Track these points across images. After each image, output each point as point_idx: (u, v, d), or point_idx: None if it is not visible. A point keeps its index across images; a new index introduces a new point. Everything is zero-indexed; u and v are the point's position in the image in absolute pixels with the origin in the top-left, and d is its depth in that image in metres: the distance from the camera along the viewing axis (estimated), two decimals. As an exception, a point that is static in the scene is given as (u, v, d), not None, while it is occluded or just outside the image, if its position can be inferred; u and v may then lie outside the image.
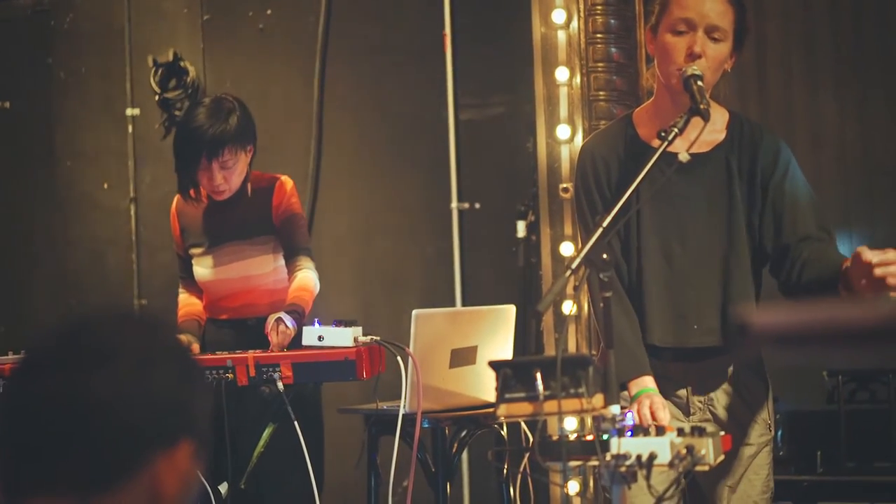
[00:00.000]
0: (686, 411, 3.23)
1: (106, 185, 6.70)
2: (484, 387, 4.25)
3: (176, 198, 4.57)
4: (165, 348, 1.61)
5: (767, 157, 3.23)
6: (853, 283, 2.89)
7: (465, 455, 5.67)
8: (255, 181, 4.48)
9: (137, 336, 1.59)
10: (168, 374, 1.57)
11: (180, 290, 4.60)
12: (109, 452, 1.52)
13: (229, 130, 4.29)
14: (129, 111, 6.63)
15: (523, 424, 4.31)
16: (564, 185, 5.57)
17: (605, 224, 2.87)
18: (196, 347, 4.29)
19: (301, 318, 4.15)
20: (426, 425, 4.27)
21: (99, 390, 1.52)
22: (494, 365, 3.02)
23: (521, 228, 5.83)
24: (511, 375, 2.93)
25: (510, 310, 4.54)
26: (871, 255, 2.80)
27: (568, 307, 5.07)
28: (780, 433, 5.68)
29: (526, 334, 5.58)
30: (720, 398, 3.24)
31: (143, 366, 1.55)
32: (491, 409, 3.23)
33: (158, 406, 1.55)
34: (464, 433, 4.44)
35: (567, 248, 5.59)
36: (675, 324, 3.23)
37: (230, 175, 4.35)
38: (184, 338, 4.27)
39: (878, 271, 2.79)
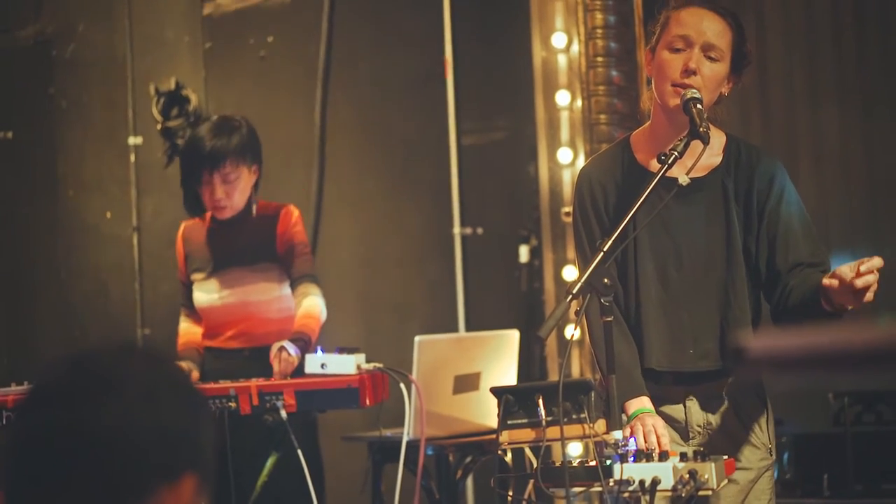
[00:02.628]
0: (685, 436, 3.22)
1: (109, 215, 6.71)
2: (488, 413, 4.24)
3: (183, 225, 4.59)
4: (171, 380, 1.61)
5: (763, 182, 3.22)
6: (833, 299, 2.91)
7: (469, 482, 5.65)
8: (262, 209, 4.50)
9: (143, 368, 1.59)
10: (174, 406, 1.57)
11: (182, 318, 4.60)
12: (115, 484, 1.51)
13: (231, 144, 4.34)
14: (131, 140, 6.64)
15: (528, 450, 4.30)
16: (566, 209, 5.57)
17: (605, 248, 2.87)
18: (196, 375, 4.28)
19: (307, 346, 4.15)
20: (430, 452, 4.26)
21: (105, 422, 1.52)
22: (496, 391, 3.01)
23: (523, 253, 5.82)
24: (513, 401, 2.92)
25: (513, 335, 4.54)
26: (849, 273, 2.83)
27: (573, 333, 5.06)
28: (786, 456, 5.66)
29: (529, 359, 5.56)
30: (719, 422, 3.22)
31: (150, 398, 1.55)
32: (494, 436, 3.21)
33: (164, 438, 1.55)
34: (468, 459, 4.43)
35: (570, 273, 5.59)
36: (671, 347, 3.22)
37: (232, 190, 4.37)
38: (184, 365, 4.27)
39: (858, 283, 2.82)
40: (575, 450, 5.21)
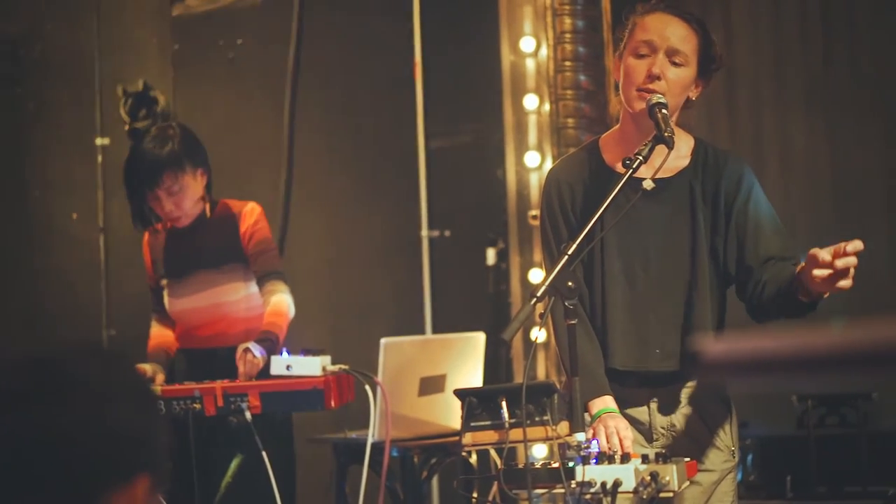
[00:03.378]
0: (649, 437, 3.24)
1: (75, 216, 6.68)
2: (453, 415, 4.24)
3: (146, 230, 4.57)
4: (124, 382, 1.60)
5: (730, 182, 3.25)
6: (810, 285, 2.91)
7: (435, 483, 5.66)
8: (222, 209, 4.48)
9: (96, 370, 1.58)
10: (126, 408, 1.57)
11: (153, 322, 4.58)
12: (67, 486, 1.51)
13: (164, 156, 4.31)
14: (98, 141, 6.61)
15: (493, 452, 4.31)
16: (533, 213, 5.59)
17: (570, 252, 2.88)
18: (161, 378, 4.27)
19: (275, 346, 4.14)
20: (395, 454, 4.26)
21: (58, 423, 1.51)
22: (460, 393, 3.03)
23: (490, 256, 5.84)
24: (476, 404, 2.94)
25: (479, 337, 4.55)
26: (826, 255, 2.82)
27: (538, 335, 5.07)
28: (750, 458, 5.69)
29: (496, 362, 5.57)
30: (683, 424, 3.24)
31: (102, 400, 1.55)
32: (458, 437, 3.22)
33: (116, 440, 1.54)
34: (433, 461, 4.44)
35: (536, 276, 5.61)
36: (636, 347, 3.24)
37: (180, 200, 4.35)
38: (148, 368, 4.26)
39: (839, 263, 2.80)
40: (540, 451, 5.23)
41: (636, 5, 3.32)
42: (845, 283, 2.84)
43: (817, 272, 2.83)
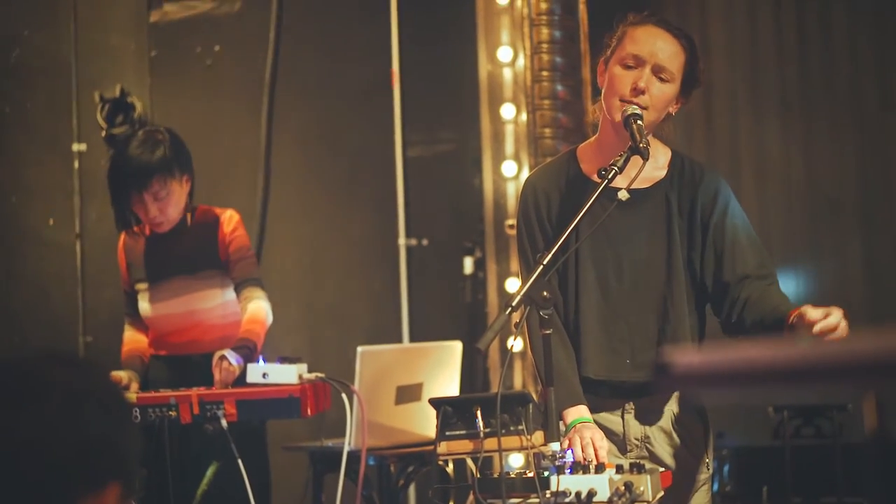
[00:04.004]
0: (623, 449, 3.24)
1: (51, 221, 6.65)
2: (429, 423, 4.23)
3: (123, 235, 4.56)
4: (95, 389, 1.60)
5: (707, 196, 3.26)
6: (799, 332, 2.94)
7: (412, 492, 5.66)
8: (201, 216, 4.48)
9: (68, 377, 1.58)
10: (97, 415, 1.56)
11: (126, 326, 4.57)
12: (39, 493, 1.50)
13: (155, 161, 4.30)
14: (75, 146, 6.59)
15: (469, 461, 4.31)
16: (510, 222, 5.60)
17: (545, 262, 2.89)
18: (136, 385, 4.25)
19: (252, 354, 4.13)
20: (371, 462, 4.26)
21: (27, 431, 1.51)
22: (435, 402, 3.03)
23: (468, 265, 5.85)
24: (451, 413, 2.94)
25: (456, 346, 4.55)
26: (814, 315, 2.85)
27: (513, 344, 5.08)
28: (726, 469, 5.71)
29: (472, 371, 5.58)
30: (657, 436, 3.25)
31: (73, 407, 1.54)
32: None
33: (87, 447, 1.54)
34: (409, 470, 4.44)
35: (513, 285, 5.62)
36: (609, 357, 3.24)
37: (165, 206, 4.35)
38: (123, 374, 4.25)
39: (816, 329, 2.84)
40: (517, 461, 5.23)
41: (627, 14, 3.32)
42: (837, 334, 2.86)
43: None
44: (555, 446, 2.86)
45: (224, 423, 3.88)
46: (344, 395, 3.99)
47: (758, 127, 6.28)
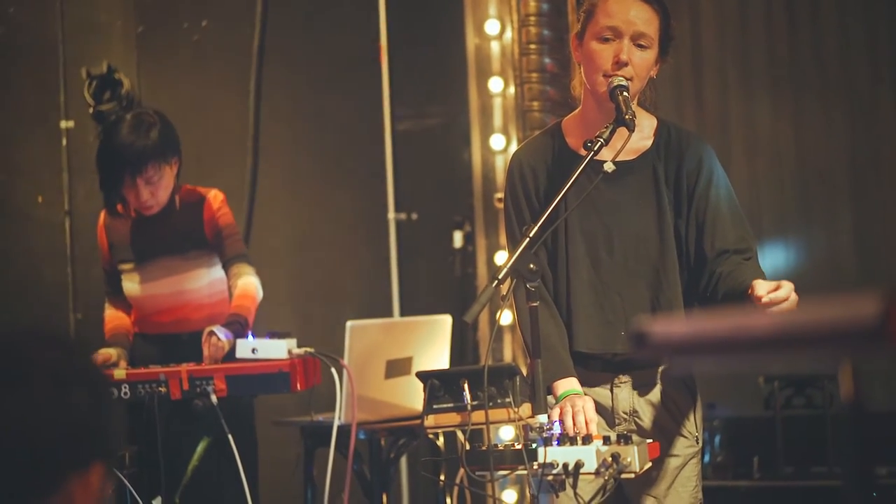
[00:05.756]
0: (611, 422, 3.24)
1: (40, 199, 6.64)
2: (419, 397, 4.24)
3: (102, 212, 4.55)
4: (80, 370, 1.60)
5: (691, 164, 3.25)
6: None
7: (404, 465, 5.67)
8: (186, 196, 4.47)
9: (51, 356, 1.58)
10: (82, 396, 1.56)
11: (107, 305, 4.56)
12: (24, 474, 1.51)
13: (150, 146, 4.28)
14: (63, 124, 6.57)
15: (460, 434, 4.32)
16: (499, 196, 5.60)
17: (531, 234, 2.88)
18: (124, 363, 4.26)
19: (244, 329, 4.14)
20: (362, 436, 4.28)
21: (13, 412, 1.51)
22: (422, 376, 3.03)
23: (457, 238, 5.85)
24: (439, 386, 2.95)
25: (446, 320, 4.56)
26: (761, 290, 2.87)
27: (503, 317, 5.09)
28: (717, 439, 5.73)
29: (462, 344, 5.59)
30: (646, 409, 3.24)
31: (57, 388, 1.54)
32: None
33: (73, 428, 1.54)
34: (400, 443, 4.45)
35: (502, 258, 5.62)
36: (603, 330, 3.23)
37: (156, 190, 4.34)
38: (113, 352, 4.25)
39: (763, 301, 2.86)
40: (508, 433, 5.24)
41: None
42: (785, 306, 2.88)
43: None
44: (542, 418, 2.87)
45: (214, 398, 3.90)
46: (334, 370, 3.99)
47: (748, 101, 6.27)
